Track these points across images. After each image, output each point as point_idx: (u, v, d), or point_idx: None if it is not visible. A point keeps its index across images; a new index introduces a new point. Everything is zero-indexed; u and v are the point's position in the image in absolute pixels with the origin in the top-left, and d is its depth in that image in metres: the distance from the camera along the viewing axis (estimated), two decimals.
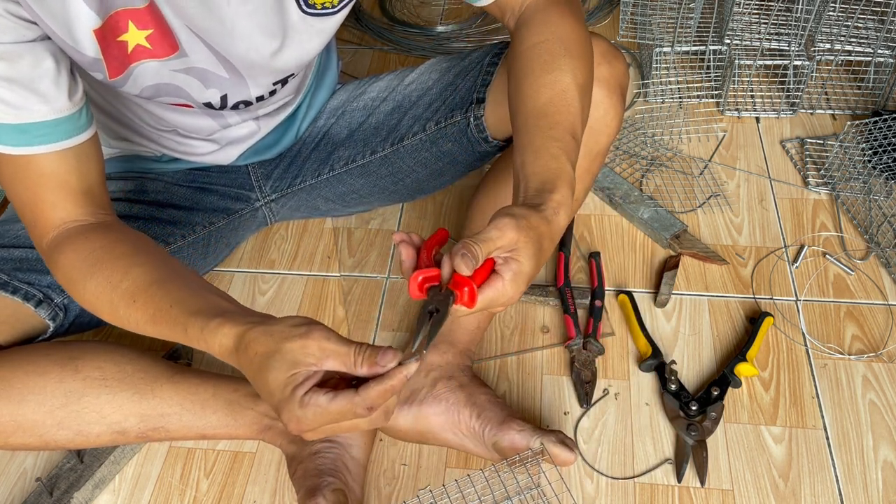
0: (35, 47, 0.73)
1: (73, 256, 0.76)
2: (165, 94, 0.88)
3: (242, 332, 0.65)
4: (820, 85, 1.51)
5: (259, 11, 0.83)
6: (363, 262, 1.25)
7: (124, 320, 0.73)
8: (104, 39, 0.78)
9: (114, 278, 0.73)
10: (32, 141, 0.75)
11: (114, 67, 0.81)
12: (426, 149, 1.07)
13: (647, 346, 1.07)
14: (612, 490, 0.96)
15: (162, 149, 1.06)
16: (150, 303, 0.71)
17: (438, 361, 0.98)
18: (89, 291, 0.75)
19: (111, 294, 0.73)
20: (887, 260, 1.18)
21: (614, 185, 1.31)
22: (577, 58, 0.80)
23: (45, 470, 1.01)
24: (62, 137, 0.77)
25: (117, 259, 0.75)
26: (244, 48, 0.85)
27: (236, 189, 1.15)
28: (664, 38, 1.52)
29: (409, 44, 1.73)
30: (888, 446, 0.98)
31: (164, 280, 0.73)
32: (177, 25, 0.81)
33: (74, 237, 0.78)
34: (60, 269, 0.77)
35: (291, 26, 0.86)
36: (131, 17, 0.78)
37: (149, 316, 0.71)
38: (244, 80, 0.90)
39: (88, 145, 0.80)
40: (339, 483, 0.89)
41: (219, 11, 0.80)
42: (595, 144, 0.94)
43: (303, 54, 0.91)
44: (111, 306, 0.73)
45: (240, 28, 0.83)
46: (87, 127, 0.79)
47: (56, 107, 0.75)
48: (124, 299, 0.72)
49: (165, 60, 0.83)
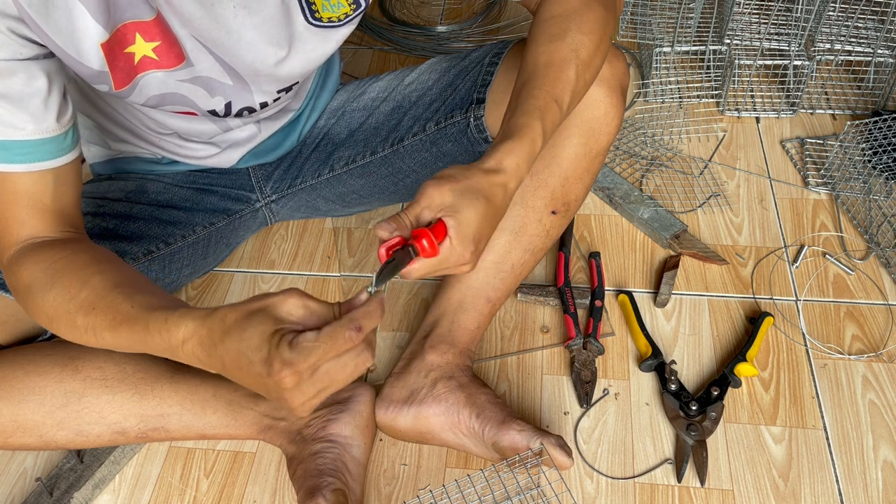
0: (30, 66, 0.72)
1: (34, 268, 0.74)
2: (171, 102, 0.88)
3: (211, 311, 0.62)
4: (820, 85, 1.51)
5: (266, 23, 0.83)
6: (363, 262, 1.25)
7: (82, 330, 0.70)
8: (111, 52, 0.78)
9: (73, 289, 0.71)
10: (12, 158, 0.73)
11: (119, 79, 0.81)
12: (426, 149, 1.07)
13: (647, 346, 1.07)
14: (612, 490, 0.96)
15: (162, 151, 1.06)
16: (110, 308, 0.68)
17: (438, 361, 0.98)
18: (48, 303, 0.72)
19: (69, 304, 0.70)
20: (887, 260, 1.18)
21: (614, 185, 1.31)
22: (587, 34, 0.80)
23: (45, 470, 1.01)
24: (44, 158, 0.75)
25: (79, 269, 0.72)
26: (250, 59, 0.85)
27: (236, 190, 1.15)
28: (664, 38, 1.52)
29: (409, 44, 1.73)
30: (888, 446, 0.98)
31: (124, 285, 0.70)
32: (183, 36, 0.81)
33: (37, 249, 0.75)
34: (20, 280, 0.74)
35: (297, 38, 0.86)
36: (139, 30, 0.78)
37: (108, 321, 0.68)
38: (248, 87, 0.90)
39: (69, 168, 0.78)
40: (339, 483, 0.89)
41: (226, 23, 0.80)
42: (595, 144, 0.95)
43: (308, 64, 0.91)
44: (69, 317, 0.71)
45: (246, 39, 0.83)
46: (70, 149, 0.78)
47: (42, 127, 0.74)
48: (83, 308, 0.70)
49: (172, 71, 0.83)
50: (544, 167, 0.95)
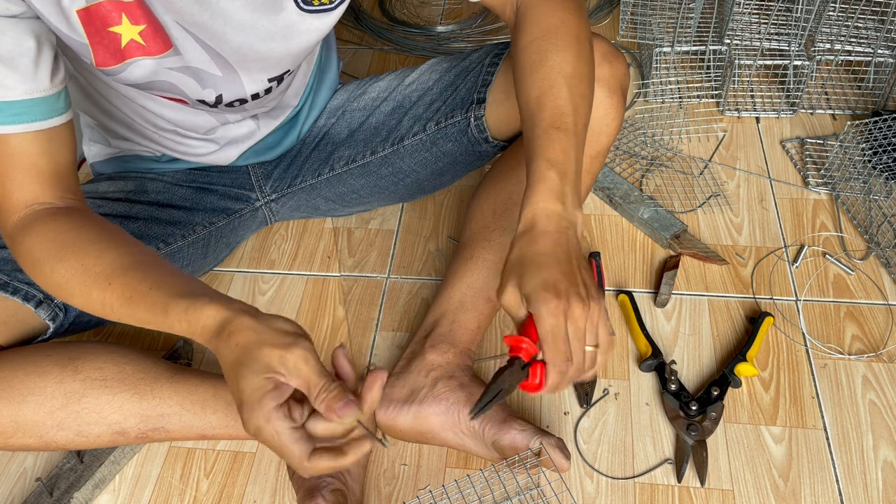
0: (18, 23, 0.72)
1: (41, 238, 0.75)
2: (159, 88, 0.88)
3: (230, 318, 0.64)
4: (820, 85, 1.51)
5: (253, 7, 0.82)
6: (363, 262, 1.25)
7: (97, 303, 0.72)
8: (90, 24, 0.77)
9: (87, 261, 0.72)
10: (6, 120, 0.74)
11: (102, 56, 0.81)
12: (426, 149, 1.07)
13: (647, 346, 1.07)
14: (612, 490, 0.96)
15: (161, 148, 1.06)
16: (127, 286, 0.69)
17: (439, 361, 0.98)
18: (58, 273, 0.73)
19: (84, 276, 0.72)
20: (887, 260, 1.18)
21: (614, 185, 1.31)
22: (564, 50, 0.81)
23: (45, 470, 1.01)
24: (38, 118, 0.75)
25: (91, 243, 0.73)
26: (237, 44, 0.85)
27: (236, 189, 1.15)
28: (664, 38, 1.52)
29: (409, 44, 1.73)
30: (888, 446, 0.98)
31: (141, 264, 0.72)
32: (168, 22, 0.81)
33: (43, 219, 0.76)
34: (26, 249, 0.76)
35: (287, 23, 0.86)
36: (124, 10, 0.78)
37: (125, 298, 0.69)
38: (238, 75, 0.90)
39: (63, 129, 0.78)
40: (338, 483, 0.89)
41: (210, 7, 0.80)
42: (595, 144, 0.95)
43: (298, 50, 0.90)
44: (83, 288, 0.72)
45: (233, 24, 0.83)
46: (64, 111, 0.78)
47: (34, 86, 0.74)
48: (98, 282, 0.71)
49: (160, 58, 0.83)
50: None
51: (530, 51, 0.82)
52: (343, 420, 0.62)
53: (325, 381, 0.62)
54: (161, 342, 1.15)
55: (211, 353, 1.13)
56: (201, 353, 1.13)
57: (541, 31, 0.83)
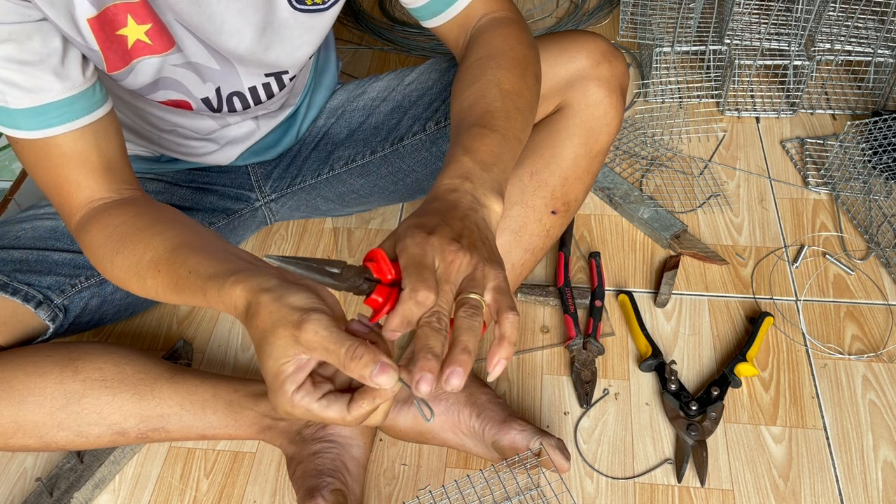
0: (42, 26, 0.73)
1: (100, 235, 0.76)
2: (164, 87, 0.88)
3: (251, 299, 0.61)
4: (820, 85, 1.51)
5: (249, 8, 0.83)
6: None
7: (152, 291, 0.73)
8: (101, 31, 0.78)
9: (138, 251, 0.73)
10: (51, 122, 0.75)
11: (113, 61, 0.81)
12: (426, 148, 1.07)
13: (647, 346, 1.07)
14: (612, 490, 0.96)
15: (161, 149, 1.06)
16: (171, 271, 0.70)
17: None
18: (118, 267, 0.75)
19: (137, 267, 0.73)
20: (887, 260, 1.18)
21: (614, 185, 1.31)
22: (507, 69, 0.79)
23: (45, 470, 1.01)
24: (79, 115, 0.76)
25: (140, 231, 0.74)
26: (234, 44, 0.85)
27: (236, 189, 1.15)
28: (664, 38, 1.52)
29: (409, 44, 1.73)
30: (888, 446, 0.98)
31: (183, 246, 0.71)
32: (170, 20, 0.81)
33: (99, 215, 0.77)
34: (88, 248, 0.78)
35: (282, 23, 0.86)
36: (130, 12, 0.78)
37: (172, 285, 0.70)
38: (235, 69, 0.90)
39: (106, 121, 0.79)
40: (338, 483, 0.89)
41: (208, 8, 0.80)
42: (595, 144, 0.95)
43: (295, 51, 0.91)
44: (139, 279, 0.73)
45: (229, 24, 0.83)
46: (102, 102, 0.79)
47: (69, 84, 0.75)
48: (150, 270, 0.72)
49: (165, 55, 0.84)
50: (544, 167, 0.95)
51: (472, 68, 0.81)
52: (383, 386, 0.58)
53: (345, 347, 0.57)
54: (161, 342, 1.15)
55: (211, 353, 1.13)
56: (201, 353, 1.13)
57: (487, 51, 0.82)
